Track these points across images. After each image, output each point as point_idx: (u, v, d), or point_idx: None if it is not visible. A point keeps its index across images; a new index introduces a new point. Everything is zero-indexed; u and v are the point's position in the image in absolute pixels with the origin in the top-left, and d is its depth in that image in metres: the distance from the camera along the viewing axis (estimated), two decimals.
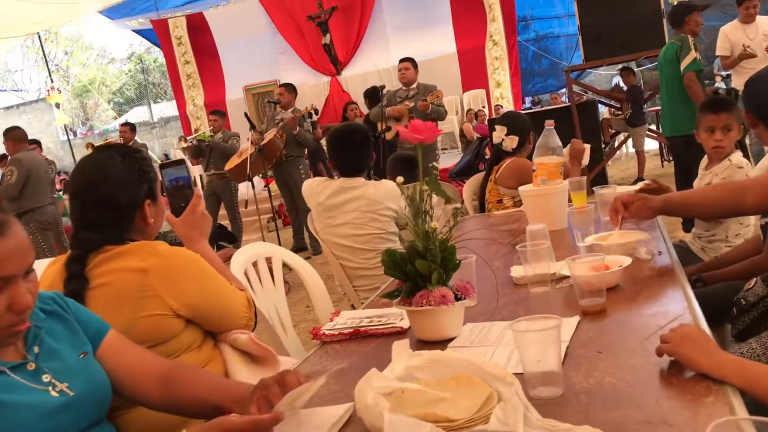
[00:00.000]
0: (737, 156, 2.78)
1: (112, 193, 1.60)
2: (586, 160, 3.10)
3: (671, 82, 5.13)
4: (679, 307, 1.45)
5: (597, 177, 7.00)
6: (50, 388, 1.21)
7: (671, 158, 9.95)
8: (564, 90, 16.11)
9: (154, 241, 1.65)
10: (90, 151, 7.79)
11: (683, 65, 4.95)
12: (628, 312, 1.49)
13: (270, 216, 8.22)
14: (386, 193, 3.00)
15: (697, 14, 5.13)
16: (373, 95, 7.47)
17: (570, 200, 2.47)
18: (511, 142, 3.30)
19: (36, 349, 1.24)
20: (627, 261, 1.70)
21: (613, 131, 9.14)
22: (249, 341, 1.67)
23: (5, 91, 28.64)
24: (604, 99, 9.16)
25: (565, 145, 2.59)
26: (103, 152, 1.67)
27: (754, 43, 5.71)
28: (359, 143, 3.06)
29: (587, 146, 3.11)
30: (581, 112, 7.18)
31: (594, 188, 2.51)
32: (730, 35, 5.85)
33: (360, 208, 2.99)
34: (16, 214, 5.81)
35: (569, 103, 7.47)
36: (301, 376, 1.20)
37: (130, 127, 8.73)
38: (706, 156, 2.94)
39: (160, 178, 1.77)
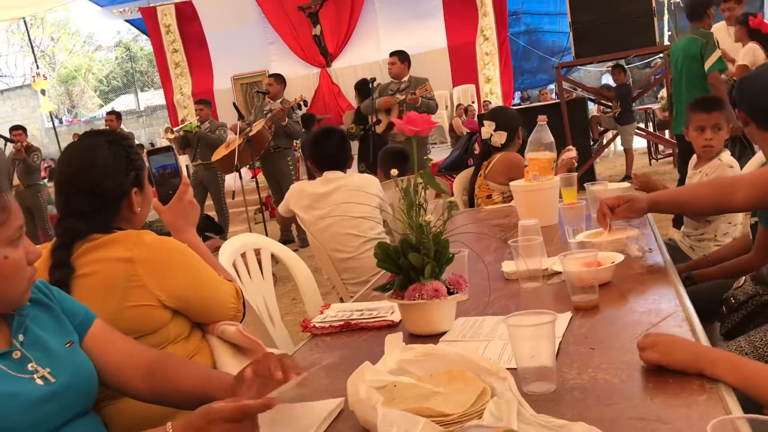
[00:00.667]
0: (726, 155, 2.79)
1: (98, 180, 1.57)
2: (573, 164, 3.13)
3: (692, 79, 4.98)
4: (671, 305, 1.45)
5: (585, 174, 7.02)
6: (36, 376, 1.19)
7: (658, 157, 10.01)
8: (553, 86, 16.15)
9: (141, 230, 1.62)
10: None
11: (708, 64, 4.85)
12: (620, 309, 1.49)
13: (257, 207, 8.18)
14: (369, 182, 3.16)
15: (713, 7, 5.09)
16: (363, 88, 7.45)
17: (561, 196, 2.47)
18: (500, 138, 3.30)
19: (21, 337, 1.21)
20: (619, 258, 1.70)
21: (602, 129, 9.17)
22: (237, 333, 1.65)
23: None
24: (594, 96, 9.18)
25: (557, 143, 2.58)
26: (90, 139, 1.64)
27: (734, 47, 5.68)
28: (337, 143, 3.25)
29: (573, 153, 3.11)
30: (571, 109, 7.20)
31: (585, 185, 2.52)
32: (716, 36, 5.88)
33: (345, 196, 3.06)
34: None
35: (559, 100, 7.48)
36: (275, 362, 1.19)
37: (116, 116, 8.65)
38: (695, 156, 2.95)
39: (147, 166, 1.74)
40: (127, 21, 14.40)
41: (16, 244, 1.18)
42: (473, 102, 11.20)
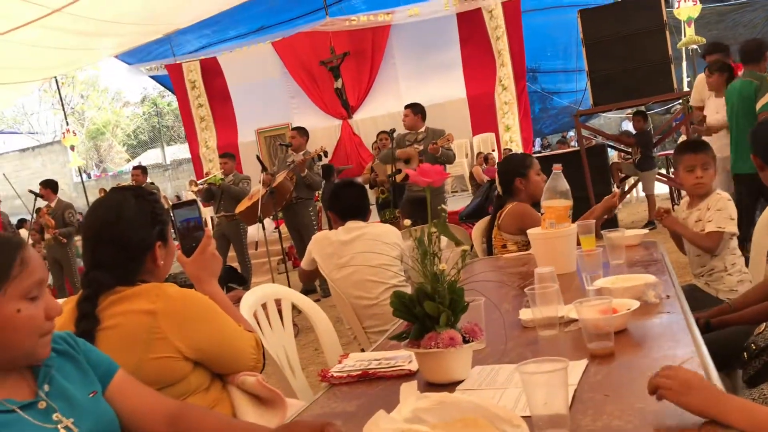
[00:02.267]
0: (720, 191, 2.90)
1: (124, 233, 1.63)
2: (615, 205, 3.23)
3: (743, 119, 5.04)
4: (687, 351, 1.44)
5: (608, 221, 6.99)
6: (60, 426, 1.22)
7: (681, 201, 9.94)
8: (572, 134, 16.17)
9: (163, 283, 1.67)
10: (102, 195, 7.91)
11: (760, 104, 4.88)
12: (636, 355, 1.49)
13: (280, 258, 8.24)
14: (389, 231, 3.24)
15: None
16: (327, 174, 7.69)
17: (579, 243, 2.48)
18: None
19: (46, 387, 1.25)
20: (635, 304, 1.70)
21: (623, 175, 9.15)
22: (257, 384, 1.67)
23: (21, 133, 29.12)
24: (613, 143, 9.20)
25: (574, 189, 2.60)
26: (117, 193, 1.71)
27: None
28: (357, 194, 3.37)
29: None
30: (591, 157, 7.22)
31: (603, 231, 2.53)
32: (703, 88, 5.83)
33: (367, 244, 3.12)
34: None
35: (578, 148, 7.51)
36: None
37: (141, 170, 8.86)
38: (686, 198, 3.01)
39: (171, 220, 1.80)
40: (152, 78, 14.80)
41: (34, 299, 1.21)
42: (493, 150, 11.28)
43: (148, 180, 8.93)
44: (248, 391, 1.68)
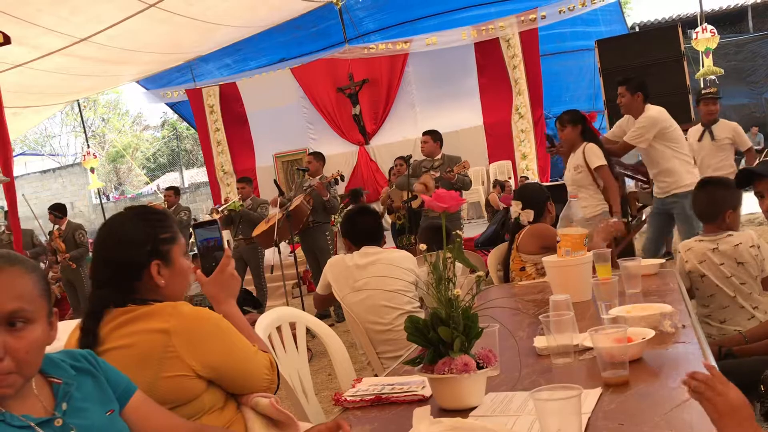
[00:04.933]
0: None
1: (114, 252, 1.67)
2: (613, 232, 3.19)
3: None
4: None
5: (625, 250, 6.94)
6: None
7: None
8: None
9: (178, 302, 1.68)
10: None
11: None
12: (651, 384, 1.48)
13: (295, 282, 8.25)
14: (404, 257, 3.24)
15: None
16: (355, 197, 7.70)
17: (594, 272, 2.48)
18: (527, 216, 3.36)
19: (64, 405, 1.26)
20: (650, 333, 1.69)
21: (641, 204, 9.10)
22: (270, 406, 1.67)
23: (43, 155, 29.56)
24: (630, 172, 9.17)
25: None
26: (119, 214, 1.76)
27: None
28: (371, 221, 3.39)
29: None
30: None
31: (619, 260, 2.52)
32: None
33: (382, 267, 3.13)
34: None
35: None
36: None
37: (174, 191, 9.00)
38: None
39: (184, 240, 1.82)
40: (168, 105, 14.97)
41: None
42: (510, 178, 11.29)
43: (180, 202, 9.06)
44: (261, 412, 1.68)
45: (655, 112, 4.99)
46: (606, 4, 10.67)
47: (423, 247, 1.53)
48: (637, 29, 14.97)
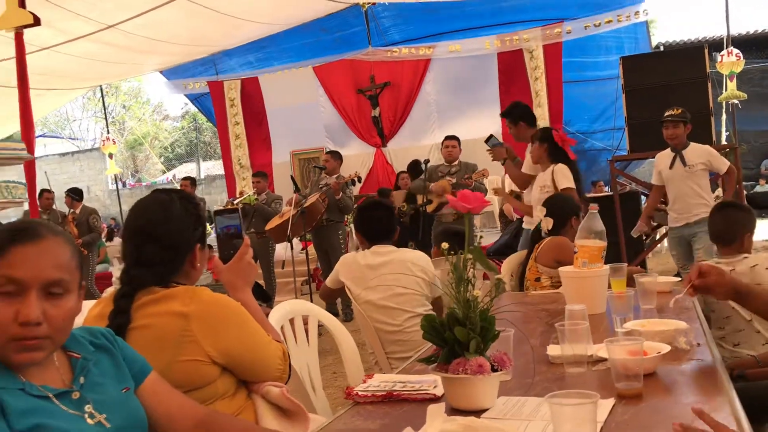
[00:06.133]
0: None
1: (171, 232, 1.68)
2: None
3: None
4: (718, 400, 1.43)
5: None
6: (90, 418, 1.24)
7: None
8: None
9: (197, 287, 1.70)
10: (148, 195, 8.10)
11: None
12: (664, 399, 1.48)
13: (305, 279, 8.27)
14: (417, 257, 3.21)
15: None
16: (415, 169, 7.63)
17: (609, 286, 2.47)
18: (547, 224, 3.34)
19: (82, 379, 1.28)
20: (666, 348, 1.69)
21: (655, 224, 9.06)
22: (280, 395, 1.69)
23: (62, 138, 29.81)
24: (647, 191, 9.13)
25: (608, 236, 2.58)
26: (163, 194, 1.76)
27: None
28: (382, 216, 3.33)
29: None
30: (623, 202, 7.18)
31: (635, 276, 2.51)
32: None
33: (394, 270, 3.12)
34: None
35: (611, 193, 7.47)
36: None
37: (190, 181, 9.06)
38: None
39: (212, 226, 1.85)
40: (188, 96, 15.02)
41: (3, 296, 1.16)
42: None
43: (196, 193, 9.11)
44: (272, 401, 1.69)
45: None
46: (632, 23, 10.62)
47: (445, 246, 1.53)
48: (662, 49, 14.89)
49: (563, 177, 4.43)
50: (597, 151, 12.86)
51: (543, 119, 11.39)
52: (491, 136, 5.50)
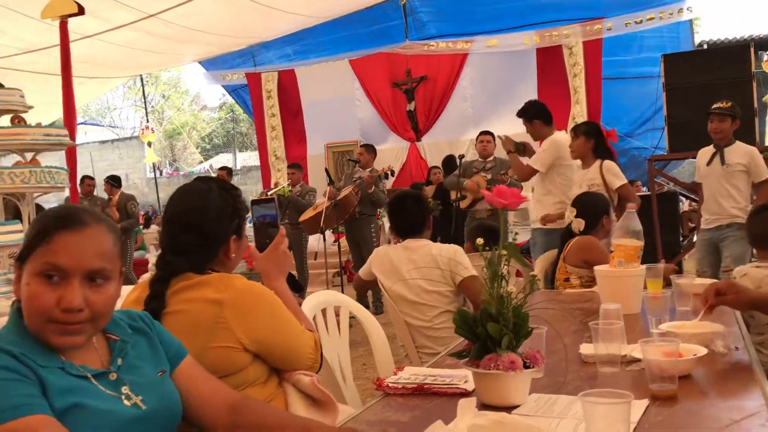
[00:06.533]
0: None
1: (207, 222, 1.69)
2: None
3: None
4: (756, 404, 1.40)
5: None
6: (127, 399, 1.27)
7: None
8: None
9: (232, 274, 1.72)
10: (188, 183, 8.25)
11: None
12: (700, 402, 1.46)
13: (336, 271, 8.32)
14: (445, 250, 3.15)
15: None
16: (449, 164, 7.61)
17: (645, 286, 2.44)
18: (578, 225, 3.30)
19: (119, 361, 1.31)
20: (702, 351, 1.66)
21: (693, 225, 8.90)
22: (311, 384, 1.70)
23: (102, 126, 30.38)
24: (686, 192, 8.97)
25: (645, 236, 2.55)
26: (203, 183, 1.78)
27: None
28: (412, 206, 3.26)
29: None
30: (661, 203, 7.06)
31: (672, 277, 2.47)
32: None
33: (424, 265, 3.09)
34: None
35: (649, 193, 7.36)
36: None
37: (227, 171, 9.18)
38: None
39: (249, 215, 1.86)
40: (225, 88, 15.15)
41: (47, 280, 1.18)
42: None
43: (232, 182, 9.22)
44: (302, 390, 1.71)
45: (560, 137, 4.91)
46: (675, 21, 10.41)
47: (480, 241, 1.52)
48: (705, 47, 14.57)
49: (614, 175, 4.42)
50: (635, 150, 12.66)
51: (581, 117, 11.23)
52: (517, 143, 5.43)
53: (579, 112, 11.30)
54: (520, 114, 5.19)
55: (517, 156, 5.15)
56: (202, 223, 1.69)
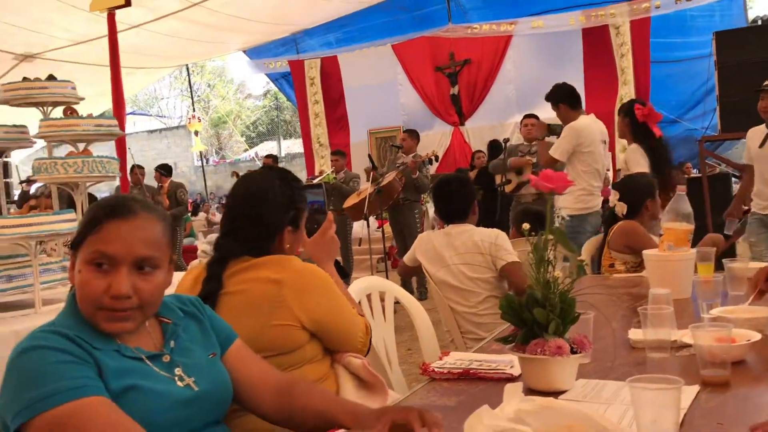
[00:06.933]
0: None
1: (262, 211, 1.74)
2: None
3: None
4: None
5: (725, 254, 6.62)
6: (180, 381, 1.30)
7: None
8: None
9: (290, 256, 1.77)
10: (234, 179, 8.42)
11: None
12: (753, 388, 1.42)
13: (380, 257, 8.35)
14: (487, 235, 3.11)
15: None
16: (494, 149, 7.55)
17: (696, 270, 2.39)
18: (621, 209, 3.22)
19: (172, 343, 1.34)
20: (756, 336, 1.62)
21: (746, 207, 8.65)
22: (362, 367, 1.74)
23: (150, 115, 30.98)
24: (738, 173, 8.71)
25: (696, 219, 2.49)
26: (266, 173, 1.84)
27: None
28: (455, 191, 3.21)
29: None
30: (712, 185, 6.87)
31: (724, 260, 2.41)
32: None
33: (467, 251, 3.08)
34: None
35: (700, 174, 7.18)
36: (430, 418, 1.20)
37: (272, 159, 9.29)
38: None
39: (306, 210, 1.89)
40: (268, 76, 15.25)
41: (97, 268, 1.22)
42: (608, 170, 10.93)
43: None
44: (353, 371, 1.74)
45: (579, 123, 4.71)
46: None
47: (525, 226, 1.51)
48: (759, 23, 14.07)
49: (634, 162, 4.31)
50: (686, 132, 12.34)
51: (629, 97, 10.98)
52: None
53: (627, 93, 11.05)
54: (547, 98, 5.06)
55: (545, 144, 4.99)
56: (258, 212, 1.74)
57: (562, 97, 4.89)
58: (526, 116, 6.58)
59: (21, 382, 1.13)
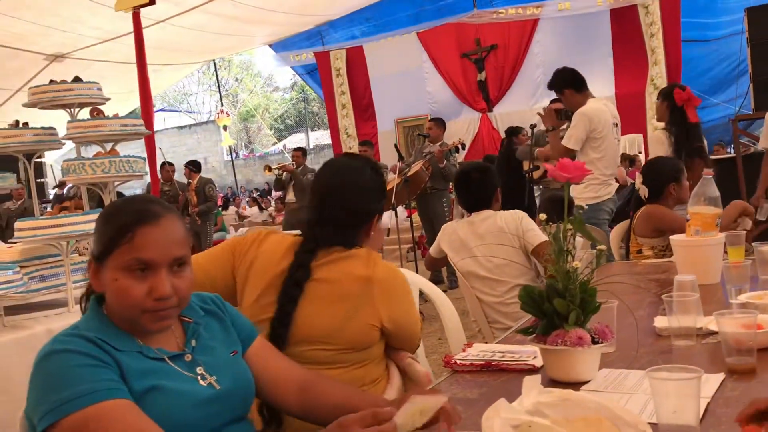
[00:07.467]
0: None
1: (358, 198, 1.75)
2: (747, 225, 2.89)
3: None
4: None
5: (760, 236, 6.48)
6: (202, 379, 1.32)
7: None
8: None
9: (374, 252, 1.78)
10: (267, 173, 8.45)
11: None
12: None
13: (410, 246, 8.35)
14: (510, 219, 3.06)
15: None
16: (509, 135, 7.52)
17: (725, 254, 2.35)
18: (643, 192, 3.17)
19: (193, 342, 1.36)
20: None
21: None
22: (426, 377, 1.77)
23: (180, 111, 31.34)
24: None
25: (726, 199, 2.45)
26: (355, 160, 1.84)
27: None
28: (476, 180, 3.16)
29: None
30: (747, 165, 6.72)
31: (754, 244, 2.36)
32: None
33: (493, 237, 3.04)
34: None
35: (734, 155, 7.02)
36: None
37: (302, 152, 9.31)
38: None
39: None
40: (294, 69, 15.28)
41: (135, 274, 1.24)
42: (640, 152, 10.76)
43: (306, 164, 9.31)
44: (411, 376, 1.76)
45: (589, 108, 4.44)
46: None
47: (543, 217, 1.50)
48: None
49: (656, 146, 4.27)
50: (718, 111, 12.07)
51: (660, 78, 10.81)
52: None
53: (658, 73, 10.86)
54: (549, 86, 4.82)
55: (556, 134, 4.78)
56: (353, 198, 1.74)
57: (567, 82, 4.64)
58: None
59: (46, 385, 1.16)
